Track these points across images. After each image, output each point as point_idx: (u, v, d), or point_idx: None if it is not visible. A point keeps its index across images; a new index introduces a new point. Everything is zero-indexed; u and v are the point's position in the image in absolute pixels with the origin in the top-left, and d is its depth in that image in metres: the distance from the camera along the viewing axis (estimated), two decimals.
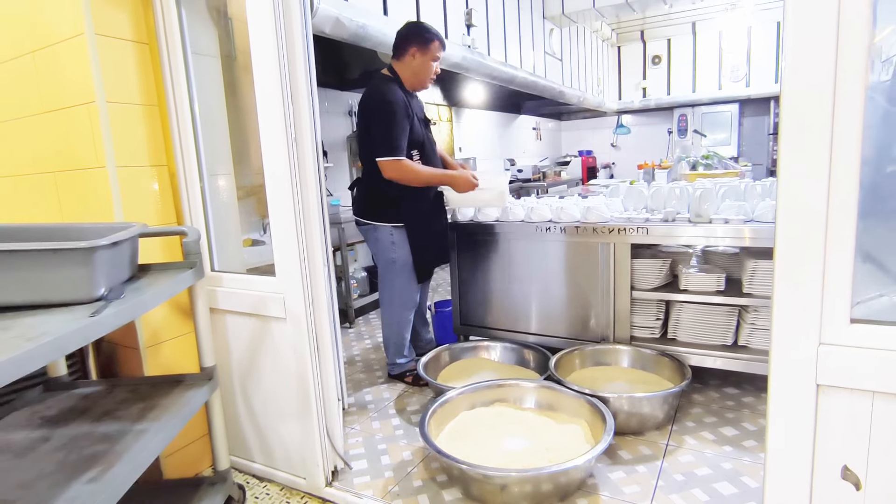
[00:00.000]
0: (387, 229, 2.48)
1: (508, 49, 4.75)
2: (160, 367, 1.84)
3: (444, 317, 3.08)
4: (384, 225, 2.48)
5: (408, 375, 2.68)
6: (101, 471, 1.13)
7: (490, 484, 1.65)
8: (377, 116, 2.31)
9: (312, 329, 1.73)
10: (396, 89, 2.36)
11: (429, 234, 2.56)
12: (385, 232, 2.48)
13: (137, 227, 1.37)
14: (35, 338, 0.93)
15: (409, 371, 2.69)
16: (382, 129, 2.29)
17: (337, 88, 4.09)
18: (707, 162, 4.67)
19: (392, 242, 2.49)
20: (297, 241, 1.66)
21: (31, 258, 1.13)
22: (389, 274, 2.55)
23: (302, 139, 1.64)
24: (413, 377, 2.66)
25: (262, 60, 1.60)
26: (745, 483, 1.74)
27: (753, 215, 2.30)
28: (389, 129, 2.28)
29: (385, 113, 2.28)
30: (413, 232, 2.49)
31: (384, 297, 2.62)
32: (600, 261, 2.52)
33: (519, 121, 7.50)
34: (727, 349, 2.34)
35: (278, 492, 1.88)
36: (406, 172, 2.33)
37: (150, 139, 1.83)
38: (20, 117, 1.88)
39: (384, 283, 2.59)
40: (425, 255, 2.56)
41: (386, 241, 2.49)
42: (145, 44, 1.79)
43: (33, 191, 1.91)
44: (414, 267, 2.54)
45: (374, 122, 2.31)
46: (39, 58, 1.77)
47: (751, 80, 7.47)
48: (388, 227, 2.48)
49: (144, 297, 1.27)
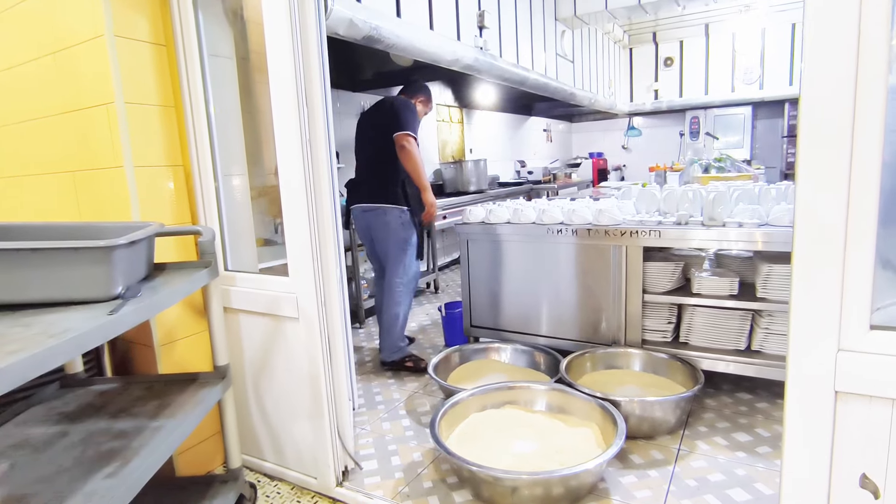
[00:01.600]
0: (396, 211, 2.71)
1: (520, 51, 4.74)
2: (174, 366, 1.85)
3: (454, 318, 3.08)
4: (394, 207, 2.70)
5: (408, 360, 2.79)
6: (119, 466, 1.14)
7: (501, 486, 1.65)
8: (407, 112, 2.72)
9: (325, 329, 1.74)
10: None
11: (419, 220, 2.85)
12: (395, 214, 2.71)
13: (154, 227, 1.39)
14: (57, 335, 0.95)
15: (408, 356, 2.80)
16: (410, 117, 2.70)
17: (349, 90, 4.10)
18: (720, 165, 4.64)
19: (402, 224, 2.72)
20: (310, 242, 1.67)
21: (51, 256, 1.15)
22: (403, 255, 2.75)
23: (316, 141, 1.65)
24: (414, 362, 2.78)
25: (277, 62, 1.62)
26: (758, 490, 1.72)
27: (768, 219, 2.28)
28: (415, 121, 2.73)
29: (413, 112, 2.77)
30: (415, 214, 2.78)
31: (398, 279, 2.77)
32: (612, 264, 2.51)
33: (530, 122, 7.49)
34: (740, 354, 2.32)
35: (289, 491, 1.89)
36: (414, 149, 2.66)
37: (167, 139, 1.85)
38: (41, 117, 1.91)
39: (397, 264, 2.76)
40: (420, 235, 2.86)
41: (395, 222, 2.72)
42: (163, 45, 1.81)
43: (52, 190, 1.93)
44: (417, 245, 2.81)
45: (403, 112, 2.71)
46: (60, 59, 1.79)
47: (764, 83, 7.39)
48: (397, 210, 2.71)
49: (160, 295, 1.29)
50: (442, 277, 4.97)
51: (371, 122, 2.84)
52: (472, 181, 4.94)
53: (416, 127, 2.72)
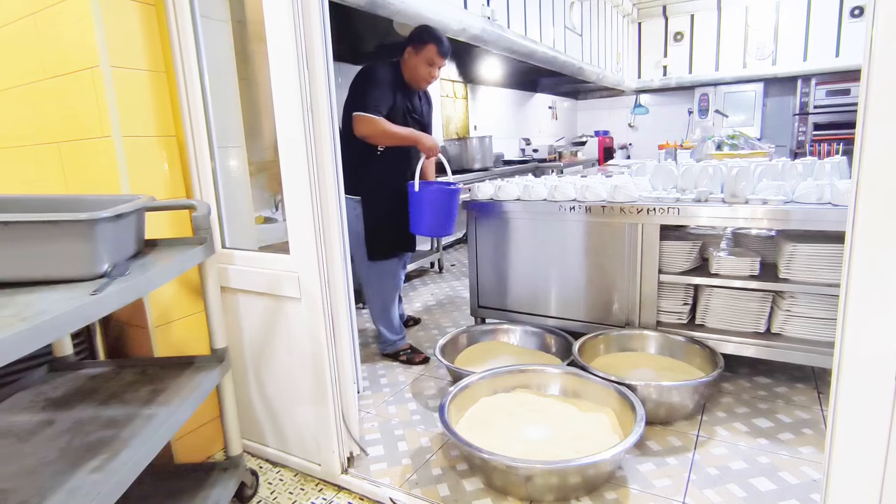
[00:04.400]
0: (352, 202, 2.40)
1: (528, 22, 4.56)
2: (170, 348, 1.76)
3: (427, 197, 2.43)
4: (349, 198, 2.35)
5: (402, 354, 2.65)
6: (107, 459, 1.05)
7: (514, 475, 1.57)
8: (364, 83, 2.35)
9: (328, 309, 1.64)
10: (394, 71, 2.41)
11: (386, 215, 2.45)
12: (350, 205, 2.37)
13: (143, 200, 1.28)
14: (29, 317, 0.85)
15: (402, 350, 2.65)
16: (363, 89, 2.33)
17: (351, 62, 3.94)
18: (733, 142, 4.49)
19: (357, 216, 2.43)
20: (312, 217, 1.56)
21: (28, 230, 1.04)
22: (361, 249, 2.47)
23: (318, 108, 1.53)
24: (407, 356, 2.63)
25: (276, 21, 1.49)
26: (783, 479, 1.64)
27: (793, 196, 2.16)
28: (371, 90, 2.31)
29: (371, 80, 2.34)
30: (368, 207, 2.44)
31: (361, 274, 2.55)
32: (626, 242, 2.40)
33: (535, 99, 7.30)
34: (759, 336, 2.23)
35: (292, 478, 1.81)
36: (376, 127, 2.29)
37: (158, 108, 1.73)
38: (22, 84, 1.78)
39: (358, 258, 2.49)
40: (380, 235, 2.46)
41: (351, 214, 2.38)
42: (151, 4, 1.68)
43: (37, 162, 1.82)
44: (366, 243, 2.45)
45: (358, 84, 2.37)
46: (40, 20, 1.66)
47: (777, 59, 7.18)
48: (352, 201, 2.41)
49: (151, 273, 1.19)
50: (447, 257, 4.87)
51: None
52: (477, 158, 4.80)
53: (377, 99, 2.29)
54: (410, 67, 2.41)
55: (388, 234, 2.49)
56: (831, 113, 6.65)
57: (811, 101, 6.76)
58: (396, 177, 2.47)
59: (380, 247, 2.49)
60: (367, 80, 2.35)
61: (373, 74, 2.36)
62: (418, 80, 2.44)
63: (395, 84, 2.39)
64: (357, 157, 2.36)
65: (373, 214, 2.45)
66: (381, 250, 2.49)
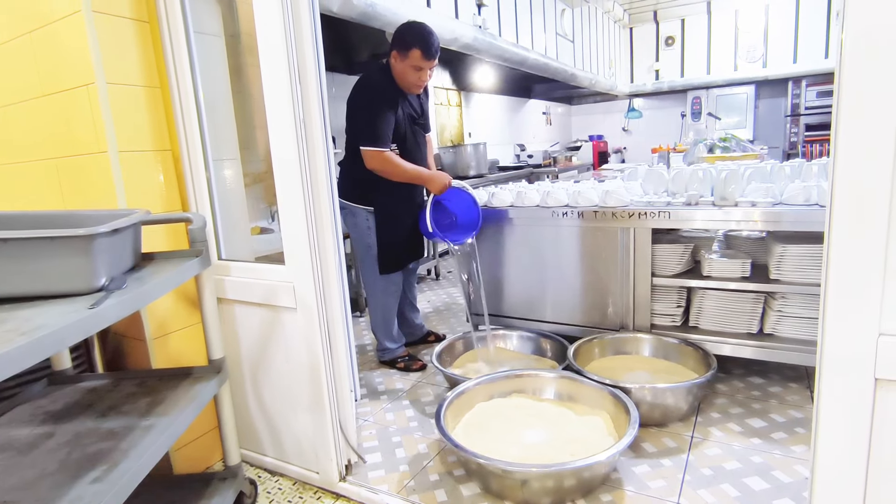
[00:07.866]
0: (363, 213, 2.45)
1: (520, 30, 4.61)
2: (168, 360, 1.78)
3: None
4: (361, 208, 2.45)
5: (399, 361, 2.66)
6: (106, 470, 1.07)
7: (511, 479, 1.59)
8: (363, 103, 2.32)
9: (324, 319, 1.66)
10: (388, 81, 2.37)
11: (398, 227, 2.49)
12: (362, 216, 2.46)
13: (139, 214, 1.30)
14: (29, 332, 0.87)
15: (400, 357, 2.67)
16: (367, 116, 2.29)
17: (345, 72, 3.98)
18: (725, 144, 4.53)
19: (368, 227, 2.47)
20: (306, 227, 1.59)
21: (27, 247, 1.07)
22: (368, 260, 2.51)
23: (311, 120, 1.56)
24: (405, 364, 2.64)
25: (267, 36, 1.52)
26: (776, 478, 1.66)
27: (782, 198, 2.20)
28: (374, 119, 2.28)
29: (370, 101, 2.30)
30: (381, 221, 2.46)
31: (366, 284, 2.60)
32: (619, 246, 2.43)
33: (529, 105, 7.36)
34: (752, 337, 2.25)
35: (291, 486, 1.82)
36: (387, 165, 2.31)
37: (153, 122, 1.75)
38: (19, 101, 1.81)
39: (364, 268, 2.55)
40: (392, 248, 2.49)
41: (363, 225, 2.47)
42: (145, 22, 1.71)
43: (35, 178, 1.84)
44: (378, 258, 2.48)
45: (360, 108, 2.33)
46: (37, 38, 1.69)
47: (768, 61, 7.25)
48: (364, 211, 2.45)
49: (148, 286, 1.21)
50: (443, 264, 4.89)
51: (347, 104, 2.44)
52: (472, 165, 4.84)
53: (381, 128, 2.27)
54: (399, 74, 2.35)
55: (400, 248, 2.52)
56: (822, 114, 6.71)
57: (802, 102, 6.83)
58: (408, 188, 2.49)
59: (393, 261, 2.51)
60: (369, 104, 2.30)
61: (372, 94, 2.31)
62: (409, 87, 2.40)
63: (393, 96, 2.35)
64: (369, 172, 2.34)
65: (386, 228, 2.46)
66: (393, 264, 2.51)
